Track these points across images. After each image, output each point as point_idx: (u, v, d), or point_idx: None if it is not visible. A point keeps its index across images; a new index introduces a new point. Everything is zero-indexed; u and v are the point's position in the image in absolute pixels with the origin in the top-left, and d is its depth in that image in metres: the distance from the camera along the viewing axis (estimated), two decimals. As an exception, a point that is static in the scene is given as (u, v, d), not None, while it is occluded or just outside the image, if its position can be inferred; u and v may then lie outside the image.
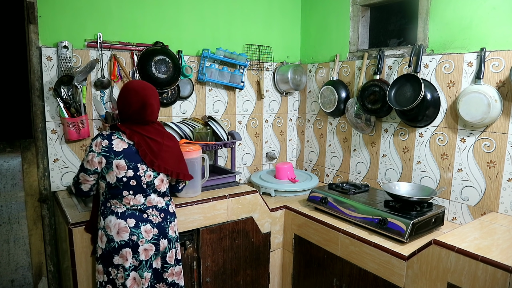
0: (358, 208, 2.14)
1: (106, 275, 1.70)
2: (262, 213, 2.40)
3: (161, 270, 1.77)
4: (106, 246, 1.67)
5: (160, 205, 1.76)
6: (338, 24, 2.81)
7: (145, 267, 1.69)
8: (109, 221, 1.67)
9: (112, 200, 1.68)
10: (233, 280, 2.36)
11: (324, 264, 2.24)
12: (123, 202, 1.68)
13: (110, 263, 1.68)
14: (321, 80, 2.98)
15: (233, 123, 2.90)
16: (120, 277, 1.68)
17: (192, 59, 2.65)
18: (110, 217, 1.67)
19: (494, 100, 1.92)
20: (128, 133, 1.68)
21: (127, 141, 1.69)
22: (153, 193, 1.74)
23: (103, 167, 1.65)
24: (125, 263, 1.66)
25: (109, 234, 1.66)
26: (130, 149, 1.68)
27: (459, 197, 2.18)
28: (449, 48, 2.17)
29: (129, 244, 1.66)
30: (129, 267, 1.66)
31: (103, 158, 1.65)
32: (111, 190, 1.67)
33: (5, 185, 2.19)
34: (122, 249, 1.65)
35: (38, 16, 2.10)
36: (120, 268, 1.67)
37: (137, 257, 1.67)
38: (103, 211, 1.70)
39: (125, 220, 1.67)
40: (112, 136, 1.68)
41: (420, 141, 2.34)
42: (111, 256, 1.67)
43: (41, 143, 2.22)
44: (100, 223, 1.71)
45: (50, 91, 2.18)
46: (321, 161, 3.06)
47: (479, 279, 1.51)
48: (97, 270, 1.73)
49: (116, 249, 1.66)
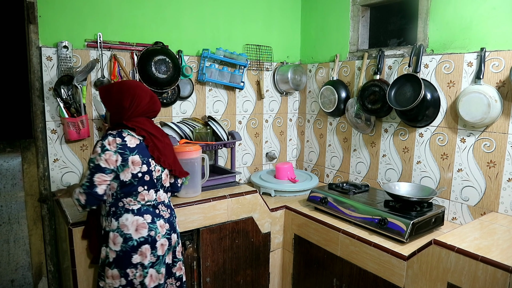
0: (358, 208, 2.14)
1: (124, 277, 1.64)
2: (262, 213, 2.40)
3: (171, 264, 1.81)
4: (122, 247, 1.64)
5: (166, 201, 1.81)
6: (338, 24, 2.81)
7: (162, 262, 1.72)
8: (125, 220, 1.65)
9: (125, 199, 1.67)
10: (233, 280, 2.36)
11: (324, 264, 2.24)
12: (138, 199, 1.68)
13: (128, 263, 1.65)
14: (321, 80, 2.98)
15: (233, 123, 2.90)
16: (139, 276, 1.66)
17: (192, 59, 2.65)
18: (125, 216, 1.65)
19: (494, 100, 1.92)
20: (137, 130, 1.69)
21: (137, 137, 1.69)
22: (161, 189, 1.78)
23: (119, 165, 1.63)
24: (144, 260, 1.66)
25: (126, 233, 1.64)
26: (141, 144, 1.69)
27: (459, 197, 2.18)
28: (449, 48, 2.17)
29: (148, 240, 1.67)
30: (148, 264, 1.67)
31: (119, 156, 1.62)
32: (124, 188, 1.66)
33: (5, 185, 2.19)
34: (142, 246, 1.65)
35: (38, 16, 2.10)
36: (139, 267, 1.66)
37: (155, 253, 1.69)
38: (115, 212, 1.67)
39: (142, 216, 1.67)
40: (122, 134, 1.66)
41: (420, 141, 2.34)
42: (129, 256, 1.64)
43: (41, 143, 2.22)
44: (112, 224, 1.66)
45: (50, 91, 2.18)
46: (321, 161, 3.06)
47: (479, 279, 1.51)
48: (111, 276, 1.65)
49: (135, 247, 1.65)
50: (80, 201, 1.60)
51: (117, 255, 1.64)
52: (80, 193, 1.60)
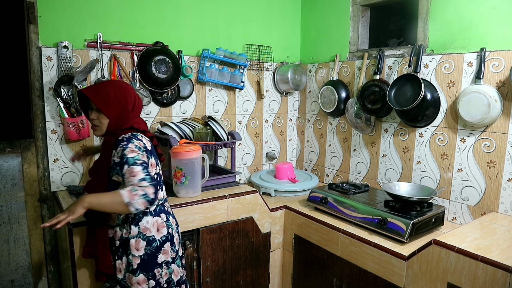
0: (358, 208, 2.14)
1: (152, 279, 1.64)
2: (262, 213, 2.40)
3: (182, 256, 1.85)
4: (146, 250, 1.64)
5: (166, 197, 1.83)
6: (338, 24, 2.81)
7: (179, 255, 1.76)
8: (146, 223, 1.64)
9: None
10: (233, 280, 2.36)
11: (324, 264, 2.24)
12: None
13: (154, 264, 1.65)
14: (321, 80, 2.98)
15: (233, 123, 2.90)
16: (165, 274, 1.68)
17: (192, 59, 2.65)
18: (145, 219, 1.64)
19: (494, 100, 1.92)
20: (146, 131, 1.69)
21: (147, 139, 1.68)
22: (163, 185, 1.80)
23: None
24: (167, 258, 1.69)
25: (149, 236, 1.64)
26: (152, 145, 1.70)
27: (459, 197, 2.18)
28: (449, 48, 2.17)
29: (168, 238, 1.70)
30: (171, 261, 1.71)
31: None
32: None
33: (5, 185, 2.19)
34: (164, 244, 1.68)
35: (38, 16, 2.10)
36: (163, 266, 1.68)
37: (174, 248, 1.73)
38: (133, 217, 1.63)
39: (159, 216, 1.69)
40: (138, 137, 1.61)
41: (420, 141, 2.34)
42: (155, 257, 1.65)
43: (41, 143, 2.22)
44: (132, 231, 1.63)
45: (50, 91, 2.18)
46: (321, 161, 3.06)
47: (479, 279, 1.51)
48: (137, 282, 1.63)
49: (159, 247, 1.66)
50: (148, 196, 1.49)
51: (142, 260, 1.63)
52: (146, 187, 1.49)
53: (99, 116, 1.63)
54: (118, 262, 1.68)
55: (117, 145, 1.58)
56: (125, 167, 1.53)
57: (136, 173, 1.51)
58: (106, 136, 1.67)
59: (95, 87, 1.65)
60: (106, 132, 1.65)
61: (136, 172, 1.51)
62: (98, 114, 1.63)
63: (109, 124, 1.63)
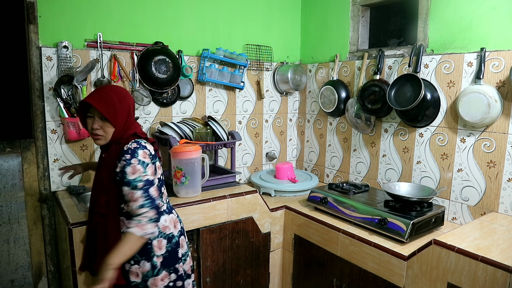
0: (358, 208, 2.14)
1: (174, 272, 1.68)
2: (262, 213, 2.40)
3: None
4: (167, 247, 1.65)
5: None
6: (338, 24, 2.81)
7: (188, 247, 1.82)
8: (164, 221, 1.66)
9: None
10: (233, 280, 2.36)
11: (324, 264, 2.24)
12: (162, 200, 1.68)
13: (176, 258, 1.69)
14: (321, 80, 2.98)
15: (233, 123, 2.90)
16: (180, 266, 1.71)
17: (192, 59, 2.65)
18: (163, 218, 1.65)
19: (494, 100, 1.92)
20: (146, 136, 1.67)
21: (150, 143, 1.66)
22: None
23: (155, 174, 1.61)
24: (183, 250, 1.75)
25: (169, 233, 1.67)
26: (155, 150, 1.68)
27: (459, 197, 2.18)
28: (449, 48, 2.17)
29: (182, 232, 1.76)
30: (186, 252, 1.77)
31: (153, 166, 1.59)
32: None
33: (5, 185, 2.19)
34: (180, 238, 1.73)
35: (38, 16, 2.10)
36: (182, 258, 1.73)
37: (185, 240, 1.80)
38: None
39: (172, 212, 1.74)
40: (142, 144, 1.57)
41: (420, 141, 2.34)
42: (176, 251, 1.69)
43: (41, 143, 2.22)
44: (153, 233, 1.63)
45: (50, 91, 2.18)
46: (321, 161, 3.06)
47: (479, 279, 1.51)
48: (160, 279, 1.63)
49: (178, 242, 1.71)
50: (152, 218, 1.53)
51: (164, 258, 1.64)
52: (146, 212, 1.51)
53: (104, 124, 1.54)
54: (134, 266, 1.62)
55: (120, 157, 1.53)
56: (125, 189, 1.53)
57: (136, 199, 1.51)
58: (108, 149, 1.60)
59: (98, 95, 1.54)
60: (110, 141, 1.57)
61: (136, 197, 1.51)
62: (103, 123, 1.54)
63: (115, 133, 1.56)
